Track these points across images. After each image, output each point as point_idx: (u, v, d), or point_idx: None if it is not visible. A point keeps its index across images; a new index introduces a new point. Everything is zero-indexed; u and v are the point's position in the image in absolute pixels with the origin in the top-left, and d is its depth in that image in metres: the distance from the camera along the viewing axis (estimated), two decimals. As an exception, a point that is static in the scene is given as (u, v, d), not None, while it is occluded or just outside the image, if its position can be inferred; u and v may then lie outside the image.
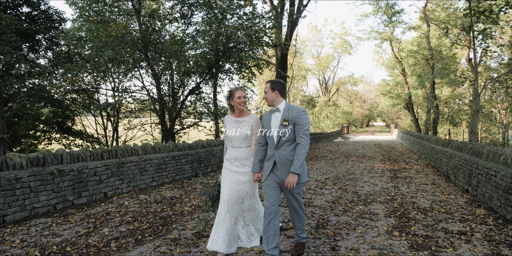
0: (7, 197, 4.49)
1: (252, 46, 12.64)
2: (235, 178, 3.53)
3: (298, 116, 3.12)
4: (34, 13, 12.74)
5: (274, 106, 3.28)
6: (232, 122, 3.61)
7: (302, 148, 3.03)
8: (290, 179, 3.04)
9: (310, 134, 22.33)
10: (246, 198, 3.55)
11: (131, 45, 12.03)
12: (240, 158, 3.55)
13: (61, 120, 14.31)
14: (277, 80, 3.28)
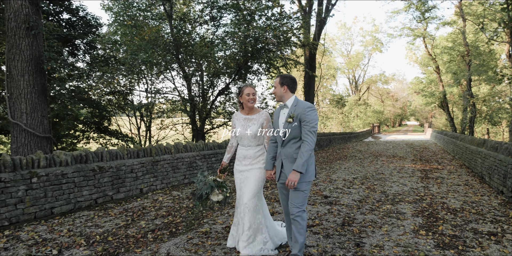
0: (55, 191, 4.90)
1: (280, 46, 12.76)
2: (242, 177, 3.44)
3: (304, 113, 2.93)
4: (73, 19, 13.52)
5: (283, 102, 3.14)
6: (242, 119, 3.47)
7: (307, 146, 2.86)
8: (291, 177, 2.88)
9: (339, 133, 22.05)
10: (253, 197, 3.34)
11: (163, 48, 12.49)
12: (249, 157, 3.41)
13: (98, 120, 15.06)
14: (287, 74, 3.14)
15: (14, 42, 6.50)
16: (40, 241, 3.80)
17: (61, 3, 12.71)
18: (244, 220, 3.31)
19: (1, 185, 4.30)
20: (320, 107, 48.45)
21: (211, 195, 3.37)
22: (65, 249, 3.58)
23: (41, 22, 6.79)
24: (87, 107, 13.88)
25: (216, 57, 13.26)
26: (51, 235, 4.01)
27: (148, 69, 14.27)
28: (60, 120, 12.84)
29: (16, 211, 4.45)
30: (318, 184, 7.39)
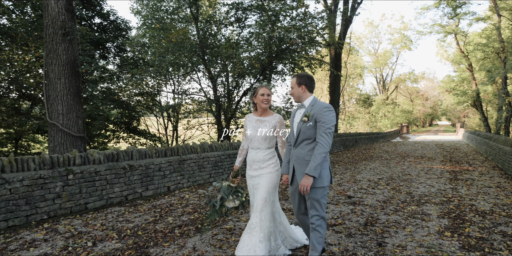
0: (89, 187, 5.20)
1: (304, 46, 12.76)
2: (252, 183, 3.31)
3: (320, 112, 2.78)
4: (104, 23, 14.09)
5: (301, 102, 3.00)
6: (254, 121, 3.35)
7: (321, 148, 2.68)
8: (304, 181, 2.71)
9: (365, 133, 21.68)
10: (266, 206, 3.15)
11: (189, 49, 12.79)
12: (258, 160, 3.26)
13: (127, 121, 15.61)
14: (304, 73, 3.00)
15: (52, 47, 6.91)
16: (76, 234, 4.07)
17: (93, 8, 13.29)
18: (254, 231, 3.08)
19: (41, 181, 4.62)
20: (346, 107, 47.78)
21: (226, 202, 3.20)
22: (99, 241, 3.82)
23: (76, 28, 7.17)
24: (117, 108, 14.42)
25: (241, 58, 13.44)
26: (86, 229, 4.28)
27: (175, 70, 14.66)
28: (92, 120, 13.42)
29: (54, 205, 4.77)
30: (342, 184, 7.37)
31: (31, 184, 4.51)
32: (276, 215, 3.32)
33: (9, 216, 4.28)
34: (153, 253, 3.47)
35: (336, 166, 10.54)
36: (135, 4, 16.92)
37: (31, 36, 10.50)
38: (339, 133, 18.29)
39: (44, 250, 3.58)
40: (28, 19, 11.68)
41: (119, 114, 15.38)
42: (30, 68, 10.90)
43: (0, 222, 4.20)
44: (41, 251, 3.55)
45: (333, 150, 15.76)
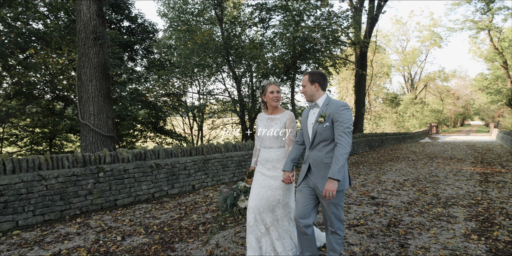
0: (118, 185, 5.43)
1: (328, 46, 12.68)
2: (265, 182, 3.15)
3: (336, 112, 2.62)
4: (132, 26, 14.56)
5: (314, 101, 2.83)
6: (265, 120, 3.27)
7: (342, 149, 2.52)
8: (328, 186, 2.53)
9: (392, 133, 21.18)
10: (278, 207, 3.12)
11: (214, 51, 13.00)
12: (272, 160, 3.16)
13: (154, 121, 16.05)
14: (317, 71, 2.83)
15: (84, 51, 7.25)
16: (106, 229, 4.28)
17: (122, 12, 13.77)
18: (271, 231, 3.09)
19: (74, 178, 4.89)
20: (372, 107, 46.85)
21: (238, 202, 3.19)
22: (127, 236, 4.01)
23: (106, 32, 7.49)
24: (144, 108, 14.86)
25: (265, 58, 13.52)
26: (115, 224, 4.49)
27: (200, 71, 14.94)
28: (121, 120, 13.90)
29: (86, 201, 5.02)
30: (366, 185, 7.30)
31: (65, 181, 4.78)
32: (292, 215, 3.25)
33: (45, 210, 4.56)
34: (178, 248, 3.60)
35: (361, 167, 10.41)
36: (162, 7, 17.36)
37: (64, 40, 11.01)
38: (364, 133, 18.01)
39: (77, 243, 3.80)
40: (62, 23, 12.27)
41: (146, 114, 15.84)
42: (63, 70, 11.44)
43: (37, 216, 4.48)
44: (75, 244, 3.77)
45: (357, 150, 15.55)
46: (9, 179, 4.25)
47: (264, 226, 3.10)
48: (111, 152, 5.57)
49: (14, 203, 4.26)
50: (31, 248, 3.64)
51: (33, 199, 4.44)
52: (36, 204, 4.47)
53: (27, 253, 3.51)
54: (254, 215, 3.06)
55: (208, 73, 15.41)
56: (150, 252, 3.49)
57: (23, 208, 4.35)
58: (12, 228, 4.24)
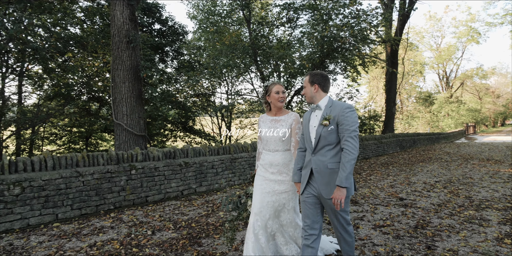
0: (149, 182, 5.67)
1: (357, 44, 12.50)
2: (269, 187, 3.00)
3: (342, 114, 2.49)
4: (163, 29, 15.01)
5: (314, 103, 2.71)
6: (268, 121, 3.09)
7: (348, 155, 2.39)
8: (336, 194, 2.41)
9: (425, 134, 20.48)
10: (284, 211, 3.00)
11: (242, 51, 13.16)
12: (277, 164, 3.00)
13: (184, 121, 16.46)
14: (318, 71, 2.71)
15: (117, 54, 7.60)
16: (138, 223, 4.50)
17: (153, 15, 14.23)
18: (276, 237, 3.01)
19: (108, 175, 5.16)
20: (404, 106, 45.47)
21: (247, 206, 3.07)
22: (157, 231, 4.19)
23: (138, 36, 7.80)
24: (175, 109, 15.27)
25: (292, 57, 13.52)
26: (146, 219, 4.70)
27: (228, 72, 15.17)
28: (152, 120, 14.36)
29: (119, 197, 5.28)
30: (395, 186, 7.16)
31: (100, 178, 5.05)
32: (298, 222, 3.11)
33: (82, 205, 4.85)
34: (205, 243, 3.73)
35: (390, 168, 10.20)
36: (191, 9, 17.76)
37: (99, 43, 11.54)
38: (395, 133, 17.56)
39: (111, 236, 4.02)
40: (97, 28, 12.86)
41: (176, 114, 16.27)
42: (98, 72, 11.99)
43: (75, 210, 4.77)
44: (109, 236, 4.00)
45: (387, 151, 15.20)
46: (50, 175, 4.56)
47: (270, 233, 2.99)
48: (142, 151, 5.82)
49: (54, 197, 4.57)
50: (69, 240, 3.90)
51: (71, 194, 4.73)
52: (74, 198, 4.76)
53: (65, 244, 3.77)
54: (259, 223, 2.91)
55: (236, 74, 15.61)
56: (178, 246, 3.65)
57: (62, 202, 4.66)
58: (52, 220, 4.55)
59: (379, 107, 36.93)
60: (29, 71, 11.61)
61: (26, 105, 12.34)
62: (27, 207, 4.33)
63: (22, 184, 4.30)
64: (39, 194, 4.43)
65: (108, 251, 3.51)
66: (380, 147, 14.29)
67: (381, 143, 14.48)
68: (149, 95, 12.97)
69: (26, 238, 3.94)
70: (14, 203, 4.22)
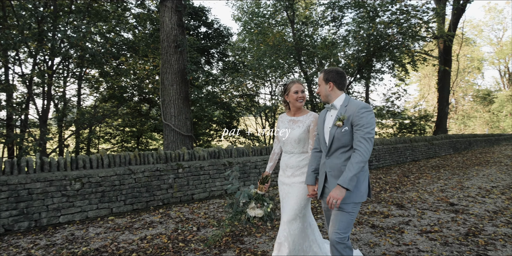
0: (195, 180, 5.91)
1: (405, 42, 12.01)
2: (284, 192, 2.88)
3: (357, 114, 2.33)
4: (209, 31, 15.46)
5: (329, 102, 2.55)
6: (286, 121, 2.94)
7: (358, 156, 2.25)
8: (334, 193, 2.26)
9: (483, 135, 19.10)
10: (295, 220, 2.76)
11: (285, 51, 13.19)
12: (291, 166, 2.85)
13: (228, 121, 16.83)
14: (333, 68, 2.54)
15: (166, 59, 7.99)
16: (184, 220, 4.72)
17: (199, 18, 14.71)
18: (283, 247, 2.72)
19: (157, 173, 5.46)
20: (459, 105, 42.71)
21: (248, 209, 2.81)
22: (202, 227, 4.38)
23: (185, 40, 8.14)
24: (219, 109, 15.68)
25: (337, 56, 13.31)
26: (192, 216, 4.92)
27: (272, 72, 15.27)
28: (198, 120, 14.86)
29: (167, 194, 5.57)
30: (445, 190, 6.80)
31: (150, 175, 5.36)
32: (309, 231, 2.85)
33: (134, 200, 5.18)
34: (247, 241, 3.84)
35: (441, 171, 9.68)
36: (236, 11, 18.11)
37: (150, 48, 12.18)
38: (448, 134, 16.60)
39: (159, 230, 4.27)
40: (147, 33, 13.56)
41: (221, 115, 16.68)
42: (149, 75, 12.65)
43: (127, 205, 5.11)
44: (157, 231, 4.24)
45: (439, 153, 14.41)
46: (106, 172, 4.93)
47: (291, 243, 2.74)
48: (189, 150, 6.08)
49: (109, 193, 4.93)
50: (123, 232, 4.19)
51: (124, 190, 5.08)
52: (126, 194, 5.10)
53: (119, 236, 4.06)
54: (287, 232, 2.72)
55: (280, 74, 15.67)
56: (222, 243, 3.78)
57: (116, 197, 5.01)
58: (108, 214, 4.91)
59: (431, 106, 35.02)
60: (87, 75, 12.54)
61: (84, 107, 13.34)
62: (86, 201, 4.72)
63: (82, 180, 4.69)
64: (96, 190, 4.81)
65: (157, 245, 3.74)
66: (430, 149, 13.60)
67: (432, 145, 13.77)
68: (195, 97, 13.44)
69: (85, 229, 4.30)
70: (75, 197, 4.62)
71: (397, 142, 11.53)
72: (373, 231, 4.14)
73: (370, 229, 4.22)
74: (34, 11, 8.49)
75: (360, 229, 4.22)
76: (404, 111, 19.09)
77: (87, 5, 10.52)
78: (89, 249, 3.61)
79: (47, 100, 9.64)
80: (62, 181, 4.52)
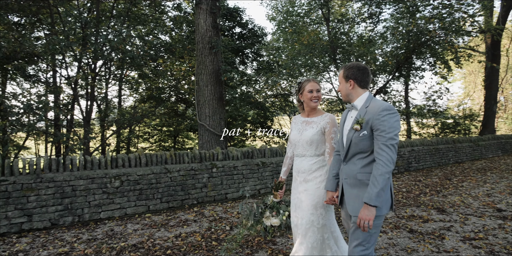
0: (228, 180, 5.97)
1: (447, 38, 11.41)
2: (296, 198, 2.64)
3: (377, 117, 2.05)
4: (243, 32, 15.56)
5: (351, 101, 2.30)
6: (299, 123, 2.73)
7: (382, 167, 1.97)
8: (363, 214, 2.00)
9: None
10: (313, 231, 2.48)
11: (320, 50, 12.99)
12: (303, 170, 2.61)
13: (262, 120, 16.85)
14: (354, 64, 2.28)
15: (201, 60, 8.13)
16: (218, 218, 4.78)
17: (234, 19, 14.84)
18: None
19: (192, 172, 5.57)
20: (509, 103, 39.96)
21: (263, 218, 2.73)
22: (235, 227, 4.41)
23: (220, 41, 8.24)
24: (254, 109, 15.74)
25: (374, 54, 12.92)
26: (225, 215, 4.97)
27: (307, 71, 15.10)
28: (233, 120, 15.00)
29: (201, 193, 5.67)
30: (492, 195, 6.38)
31: (185, 174, 5.49)
32: (331, 242, 2.55)
33: (169, 199, 5.32)
34: (279, 242, 3.81)
35: (488, 174, 9.10)
36: (270, 11, 18.10)
37: (186, 49, 12.47)
38: (496, 135, 15.57)
39: (193, 228, 4.35)
40: (184, 35, 13.90)
41: (255, 115, 16.74)
42: (185, 76, 12.95)
43: (163, 203, 5.26)
44: (192, 229, 4.33)
45: (486, 154, 13.56)
46: (143, 170, 5.11)
47: None
48: (222, 150, 6.15)
49: (146, 191, 5.10)
50: (158, 229, 4.32)
51: (160, 188, 5.23)
52: (162, 192, 5.25)
53: (155, 233, 4.19)
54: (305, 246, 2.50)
55: (315, 73, 15.47)
56: (254, 243, 3.79)
57: (153, 195, 5.17)
58: (145, 211, 5.08)
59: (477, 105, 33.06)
60: (127, 76, 13.07)
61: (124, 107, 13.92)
62: (125, 198, 4.92)
63: (121, 178, 4.89)
64: (134, 187, 5.00)
65: (191, 243, 3.81)
66: (476, 150, 12.83)
67: (478, 146, 12.98)
68: (229, 97, 13.59)
69: (124, 226, 4.48)
70: (115, 194, 4.83)
71: (439, 142, 10.99)
72: (411, 236, 3.96)
73: (407, 234, 4.05)
74: (79, 17, 8.97)
75: (397, 233, 4.06)
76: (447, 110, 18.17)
77: (127, 10, 10.95)
78: (127, 245, 3.75)
79: (90, 101, 10.15)
80: (103, 179, 4.73)
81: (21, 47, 7.73)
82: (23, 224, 4.18)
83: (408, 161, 9.43)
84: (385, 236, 3.96)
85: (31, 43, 8.52)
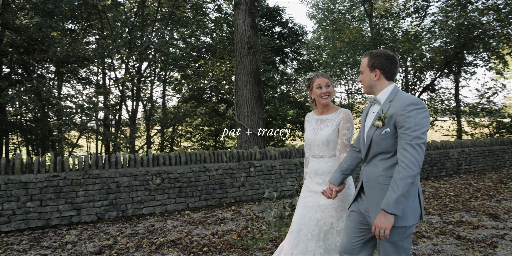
0: (266, 179, 5.97)
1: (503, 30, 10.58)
2: (313, 201, 2.43)
3: (402, 113, 1.76)
4: (283, 31, 15.49)
5: (374, 94, 2.01)
6: (313, 121, 2.55)
7: (403, 170, 1.69)
8: (379, 221, 1.74)
9: None
10: (331, 233, 2.37)
11: (362, 47, 12.61)
12: (322, 173, 2.44)
13: (302, 120, 16.67)
14: (381, 51, 1.96)
15: (240, 60, 8.21)
16: (254, 218, 4.80)
17: (274, 18, 14.82)
18: None
19: (230, 171, 5.64)
20: None
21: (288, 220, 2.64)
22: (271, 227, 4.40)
23: (258, 41, 8.27)
24: (293, 108, 15.63)
25: (421, 49, 12.31)
26: (262, 214, 4.97)
27: (348, 69, 14.74)
28: (272, 120, 15.01)
29: (239, 192, 5.72)
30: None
31: (223, 173, 5.57)
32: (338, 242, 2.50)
33: (208, 197, 5.43)
34: (315, 245, 3.75)
35: (550, 178, 8.31)
36: (310, 9, 17.89)
37: (226, 50, 12.66)
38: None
39: (230, 227, 4.40)
40: (224, 35, 14.12)
41: (295, 114, 16.62)
42: (225, 76, 13.17)
43: (202, 201, 5.38)
44: (229, 227, 4.38)
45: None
46: (183, 169, 5.25)
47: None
48: (260, 150, 6.17)
49: (186, 188, 5.24)
50: (197, 227, 4.42)
51: (199, 186, 5.35)
52: (201, 190, 5.37)
53: (193, 230, 4.29)
54: (296, 242, 2.37)
55: (357, 71, 15.05)
56: (289, 244, 3.75)
57: (192, 193, 5.30)
58: (184, 208, 5.23)
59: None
60: (171, 77, 13.53)
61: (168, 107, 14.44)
62: (165, 195, 5.09)
63: (162, 175, 5.07)
64: (174, 185, 5.16)
65: (227, 241, 3.86)
66: (536, 152, 11.78)
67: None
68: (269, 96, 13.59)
69: (164, 222, 4.64)
70: (156, 191, 5.01)
71: (493, 143, 10.22)
72: (459, 243, 3.72)
73: (455, 240, 3.80)
74: (126, 22, 9.43)
75: (443, 239, 3.83)
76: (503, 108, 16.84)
77: (170, 13, 11.34)
78: (166, 241, 3.88)
79: (136, 101, 10.64)
80: (145, 176, 4.94)
81: (74, 52, 8.28)
82: (73, 217, 4.47)
83: (457, 163, 8.87)
84: (429, 242, 3.75)
85: (82, 47, 9.10)
